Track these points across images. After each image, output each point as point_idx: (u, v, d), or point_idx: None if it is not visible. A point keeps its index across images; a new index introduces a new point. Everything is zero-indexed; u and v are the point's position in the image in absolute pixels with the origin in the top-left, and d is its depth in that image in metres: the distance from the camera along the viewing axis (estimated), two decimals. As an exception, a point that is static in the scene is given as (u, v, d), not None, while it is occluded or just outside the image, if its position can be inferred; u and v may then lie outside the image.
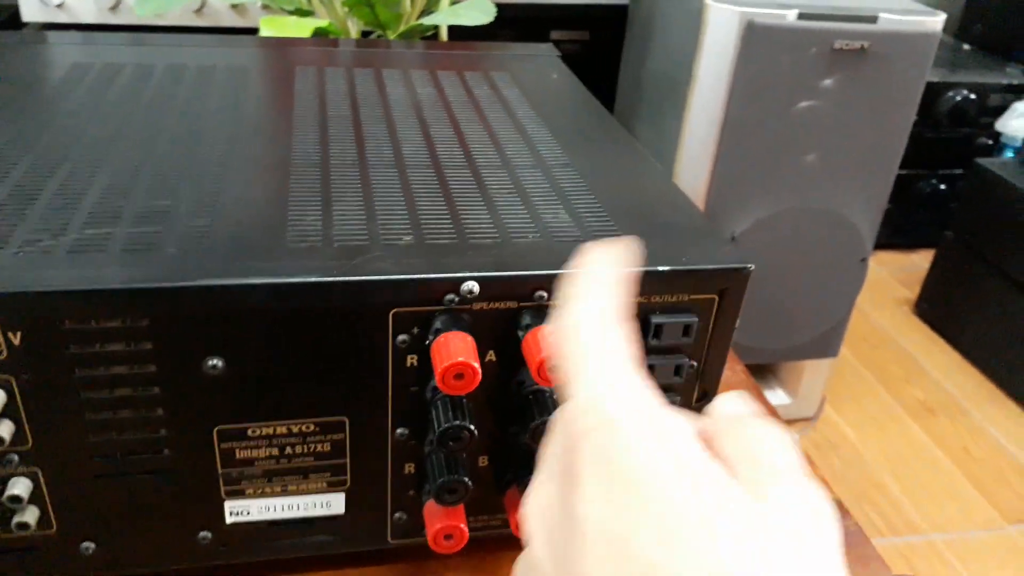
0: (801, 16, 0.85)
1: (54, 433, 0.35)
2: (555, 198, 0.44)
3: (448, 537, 0.39)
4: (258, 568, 0.43)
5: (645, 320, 0.39)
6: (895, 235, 1.85)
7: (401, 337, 0.36)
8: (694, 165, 0.95)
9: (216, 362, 0.35)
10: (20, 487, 0.35)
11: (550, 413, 0.36)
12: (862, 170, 0.95)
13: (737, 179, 0.92)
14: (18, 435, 0.34)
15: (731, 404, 0.27)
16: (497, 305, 0.37)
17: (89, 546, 0.38)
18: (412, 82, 0.61)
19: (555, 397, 0.38)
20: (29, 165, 0.42)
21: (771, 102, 0.89)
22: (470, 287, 0.36)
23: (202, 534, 0.39)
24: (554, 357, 0.26)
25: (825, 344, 1.09)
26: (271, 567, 0.43)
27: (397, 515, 0.41)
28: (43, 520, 0.37)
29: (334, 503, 0.40)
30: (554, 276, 0.36)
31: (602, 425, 0.22)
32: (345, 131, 0.51)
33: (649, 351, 0.39)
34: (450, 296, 0.36)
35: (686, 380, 0.40)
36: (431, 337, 0.36)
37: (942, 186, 1.80)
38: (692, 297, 0.39)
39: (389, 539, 0.42)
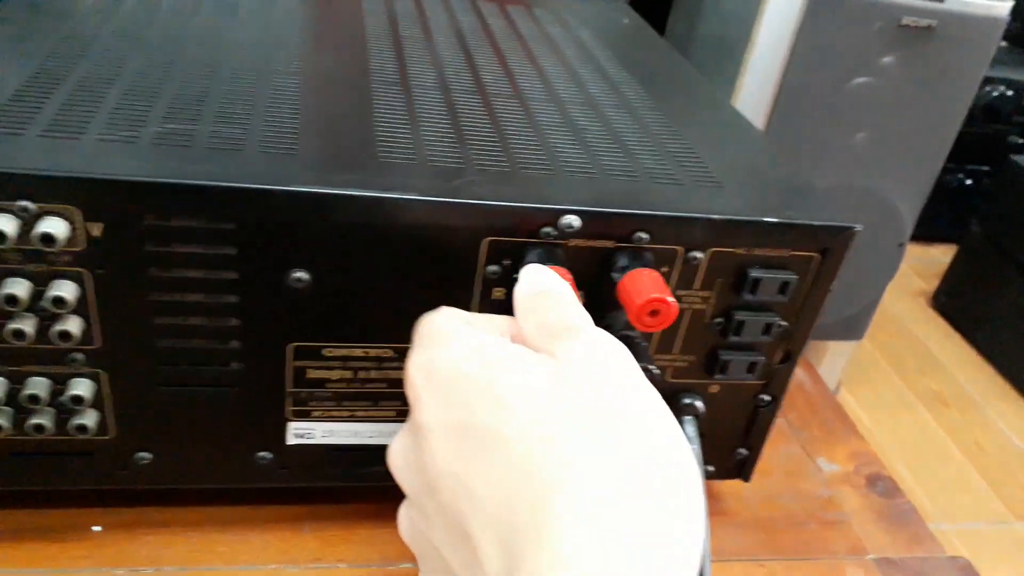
0: (870, -13, 0.83)
1: (123, 335, 0.33)
2: (647, 140, 0.42)
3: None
4: (312, 494, 0.42)
5: (742, 273, 0.37)
6: (916, 227, 1.84)
7: (492, 268, 0.35)
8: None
9: (301, 275, 0.33)
10: (83, 387, 0.34)
11: (640, 360, 0.35)
12: (911, 153, 0.93)
13: (785, 150, 0.90)
14: (86, 333, 0.33)
15: (526, 284, 0.31)
16: (593, 243, 0.35)
17: (145, 456, 0.37)
18: (481, 12, 0.59)
19: (644, 343, 0.37)
20: (98, 58, 0.40)
21: (828, 75, 0.87)
22: (570, 221, 0.34)
23: (261, 454, 0.38)
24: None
25: (852, 327, 1.08)
26: (322, 494, 0.42)
27: (459, 452, 0.40)
28: (101, 425, 0.35)
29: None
30: (657, 218, 0.35)
31: (425, 348, 0.28)
32: (421, 54, 0.48)
33: (741, 306, 0.38)
34: (547, 229, 0.34)
35: (773, 339, 0.39)
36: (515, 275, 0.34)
37: (968, 181, 1.78)
38: (793, 253, 0.37)
39: (447, 476, 0.41)
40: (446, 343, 0.28)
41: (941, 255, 1.81)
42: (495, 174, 0.35)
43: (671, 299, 0.33)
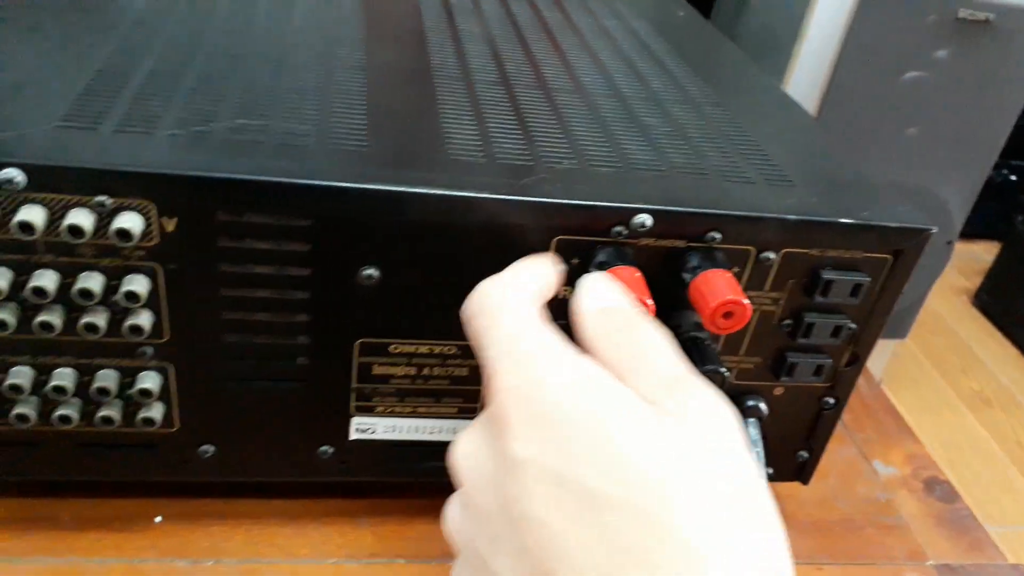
0: (926, -22, 0.81)
1: (191, 329, 0.33)
2: (713, 135, 0.41)
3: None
4: (369, 488, 0.42)
5: (814, 274, 0.36)
6: (957, 223, 1.81)
7: (560, 267, 0.34)
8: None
9: (372, 272, 0.33)
10: (151, 381, 0.34)
11: (708, 362, 0.34)
12: (962, 150, 0.91)
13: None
14: (156, 327, 0.33)
15: (593, 299, 0.29)
16: (664, 242, 0.34)
17: (208, 449, 0.37)
18: (535, 3, 0.58)
19: (713, 345, 0.36)
20: (163, 53, 0.40)
21: (880, 69, 0.85)
22: (642, 220, 0.33)
23: (323, 448, 0.38)
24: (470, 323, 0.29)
25: (895, 325, 1.06)
26: (379, 488, 0.42)
27: (518, 451, 0.40)
28: (167, 418, 0.35)
29: (461, 430, 0.39)
30: (731, 217, 0.34)
31: (517, 370, 0.25)
32: (480, 48, 0.48)
33: (811, 308, 0.37)
34: (619, 228, 0.33)
35: (841, 342, 0.38)
36: (594, 270, 0.34)
37: (1012, 177, 1.74)
38: (866, 255, 0.36)
39: (506, 474, 0.41)
40: (542, 365, 0.25)
41: (984, 252, 1.78)
42: (564, 172, 0.35)
43: (746, 301, 0.32)
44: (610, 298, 0.30)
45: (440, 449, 0.39)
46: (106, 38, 0.39)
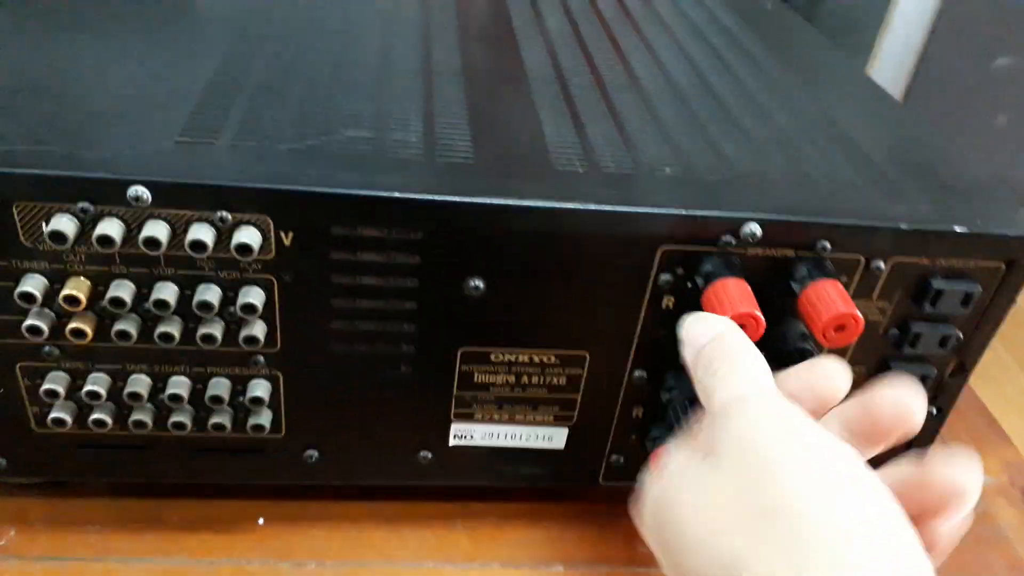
0: (1018, -39, 0.77)
1: (302, 338, 0.34)
2: (813, 136, 0.40)
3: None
4: (464, 492, 0.42)
5: (924, 283, 0.35)
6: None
7: (664, 276, 0.34)
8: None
9: (478, 283, 0.33)
10: (262, 389, 0.35)
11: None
12: (1054, 138, 0.88)
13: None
14: (269, 337, 0.34)
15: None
16: (772, 252, 0.34)
17: (313, 454, 0.38)
18: None
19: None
20: (266, 63, 0.40)
21: (969, 54, 0.82)
22: (752, 229, 0.33)
23: (423, 453, 0.38)
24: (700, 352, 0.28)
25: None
26: (474, 492, 0.42)
27: (614, 457, 0.40)
28: (275, 424, 0.36)
29: (556, 438, 0.39)
30: (842, 227, 0.33)
31: (742, 413, 0.24)
32: (570, 45, 0.47)
33: (919, 318, 0.36)
34: (727, 238, 0.33)
35: (948, 352, 0.37)
36: (701, 280, 0.33)
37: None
38: (977, 264, 0.35)
39: (601, 480, 0.41)
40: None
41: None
42: (669, 179, 0.34)
43: (859, 315, 0.32)
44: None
45: (535, 455, 0.40)
46: (209, 48, 0.40)
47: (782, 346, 0.35)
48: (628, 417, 0.39)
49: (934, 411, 0.40)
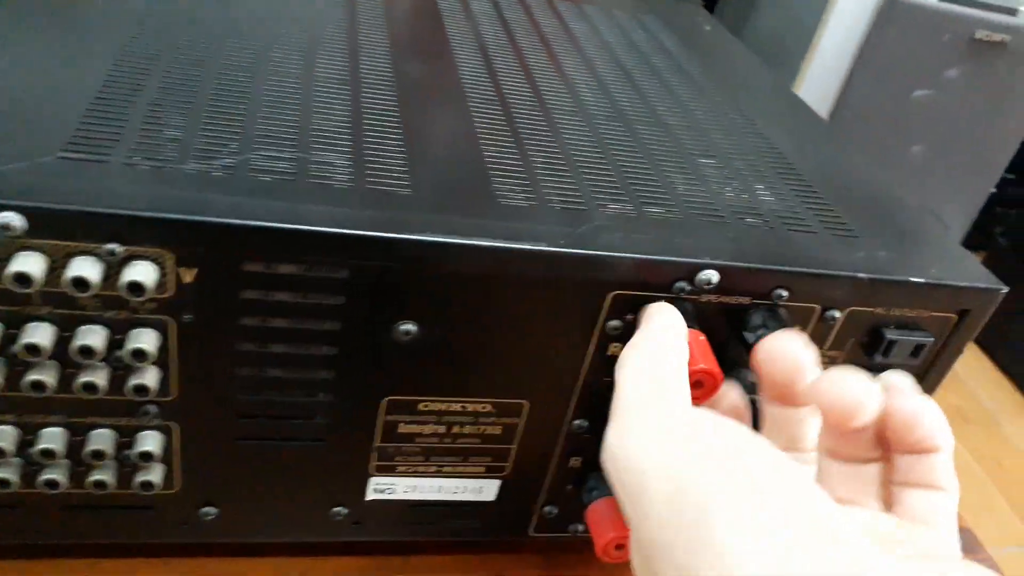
0: (941, -3, 0.79)
1: (202, 386, 0.30)
2: (763, 171, 0.39)
3: (619, 547, 0.35)
4: (382, 546, 0.38)
5: (877, 333, 0.34)
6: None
7: (612, 323, 0.31)
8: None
9: (410, 327, 0.29)
10: (152, 443, 0.30)
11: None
12: (965, 169, 0.90)
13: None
14: (163, 384, 0.29)
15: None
16: (727, 299, 0.32)
17: (210, 511, 0.33)
18: (560, 13, 0.55)
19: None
20: (168, 69, 0.35)
21: (890, 86, 0.83)
22: (709, 276, 0.30)
23: (336, 509, 0.34)
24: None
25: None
26: (392, 547, 0.39)
27: (548, 508, 0.37)
28: (167, 479, 0.32)
29: (487, 490, 0.36)
30: (802, 275, 0.31)
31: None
32: (510, 64, 0.44)
33: (869, 367, 0.35)
34: (681, 284, 0.30)
35: (896, 403, 0.36)
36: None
37: (992, 189, 1.75)
38: (931, 314, 0.34)
39: (532, 531, 0.38)
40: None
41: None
42: (620, 218, 0.32)
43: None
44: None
45: (462, 508, 0.36)
46: (103, 44, 0.35)
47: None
48: (565, 467, 0.36)
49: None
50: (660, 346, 0.28)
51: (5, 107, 0.29)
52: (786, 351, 0.27)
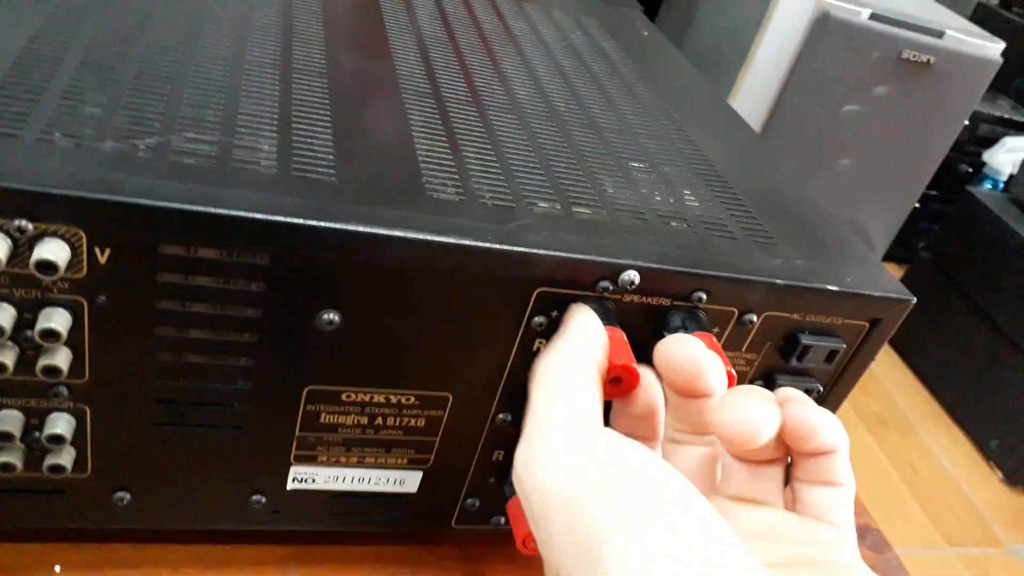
0: (872, 17, 0.82)
1: (115, 370, 0.29)
2: (689, 176, 0.39)
3: (537, 541, 0.35)
4: (299, 535, 0.38)
5: (792, 338, 0.35)
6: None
7: (538, 319, 0.32)
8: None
9: (333, 316, 0.29)
10: (62, 425, 0.29)
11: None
12: (891, 183, 0.94)
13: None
14: (74, 367, 0.28)
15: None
16: (648, 300, 0.32)
17: (124, 496, 0.33)
18: (500, 10, 0.55)
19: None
20: (91, 41, 0.35)
21: (821, 100, 0.86)
22: (631, 277, 0.31)
23: (255, 497, 0.34)
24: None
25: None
26: (309, 536, 0.38)
27: (470, 500, 0.37)
28: (79, 463, 0.31)
29: (409, 481, 0.36)
30: (721, 279, 0.32)
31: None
32: (448, 59, 0.44)
33: (784, 371, 0.36)
34: (604, 283, 0.31)
35: (809, 406, 0.37)
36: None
37: (916, 204, 1.82)
38: (845, 321, 0.35)
39: (454, 523, 0.38)
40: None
41: (884, 274, 1.86)
42: (548, 217, 0.32)
43: (732, 372, 0.31)
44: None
45: (384, 499, 0.36)
46: (22, 12, 0.34)
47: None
48: (488, 460, 0.36)
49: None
50: (573, 360, 0.28)
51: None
52: (683, 355, 0.28)
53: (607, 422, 0.29)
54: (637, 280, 0.31)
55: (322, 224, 0.27)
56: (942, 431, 1.46)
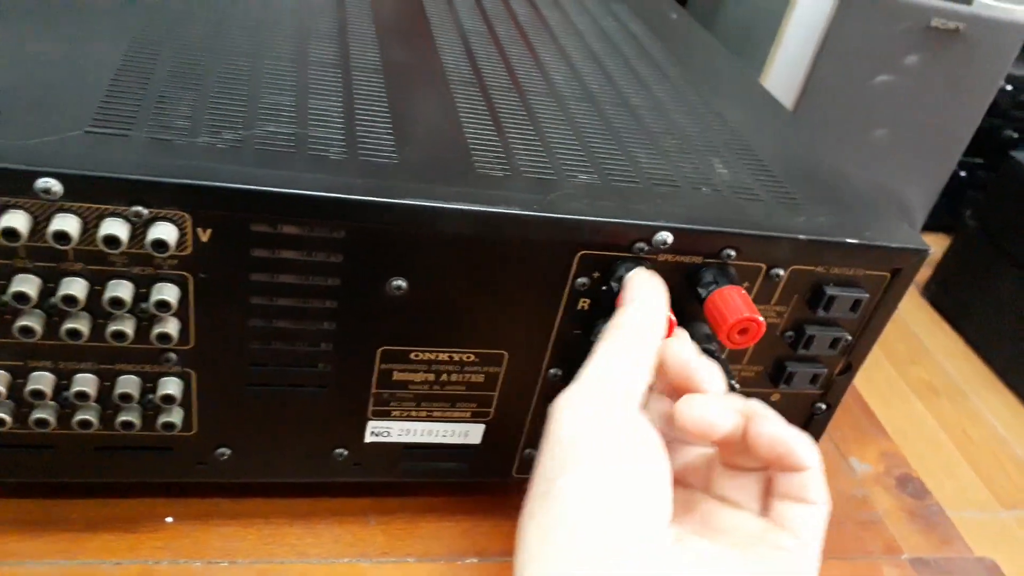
0: (900, -14, 0.83)
1: (216, 336, 0.33)
2: (718, 147, 0.43)
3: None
4: (376, 487, 0.42)
5: (818, 290, 0.38)
6: (906, 216, 1.86)
7: (581, 280, 0.35)
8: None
9: (401, 283, 0.33)
10: (173, 387, 0.34)
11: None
12: (926, 152, 0.95)
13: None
14: (182, 334, 0.33)
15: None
16: (681, 258, 0.36)
17: (224, 452, 0.37)
18: (534, 1, 0.58)
19: (724, 358, 0.37)
20: (180, 48, 0.39)
21: (853, 72, 0.88)
22: (664, 237, 0.34)
23: (338, 451, 0.38)
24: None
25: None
26: (386, 487, 0.42)
27: (528, 451, 0.41)
28: (186, 422, 0.36)
29: (472, 433, 0.40)
30: (747, 236, 0.35)
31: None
32: (488, 50, 0.48)
33: (813, 321, 0.39)
34: (640, 244, 0.34)
35: (838, 353, 0.40)
36: (616, 284, 0.35)
37: (962, 173, 1.81)
38: (866, 272, 0.38)
39: (514, 473, 0.42)
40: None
41: (933, 245, 1.85)
42: (586, 186, 0.36)
43: (761, 319, 0.34)
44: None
45: (450, 451, 0.40)
46: (114, 32, 0.39)
47: (689, 347, 0.37)
48: (542, 413, 0.40)
49: (823, 407, 0.43)
50: (630, 342, 0.31)
51: (34, 89, 0.33)
52: (678, 360, 0.32)
53: None
54: (670, 240, 0.34)
55: (389, 200, 0.31)
56: (994, 396, 1.45)
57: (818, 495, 0.29)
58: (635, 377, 0.30)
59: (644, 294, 0.33)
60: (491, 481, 0.43)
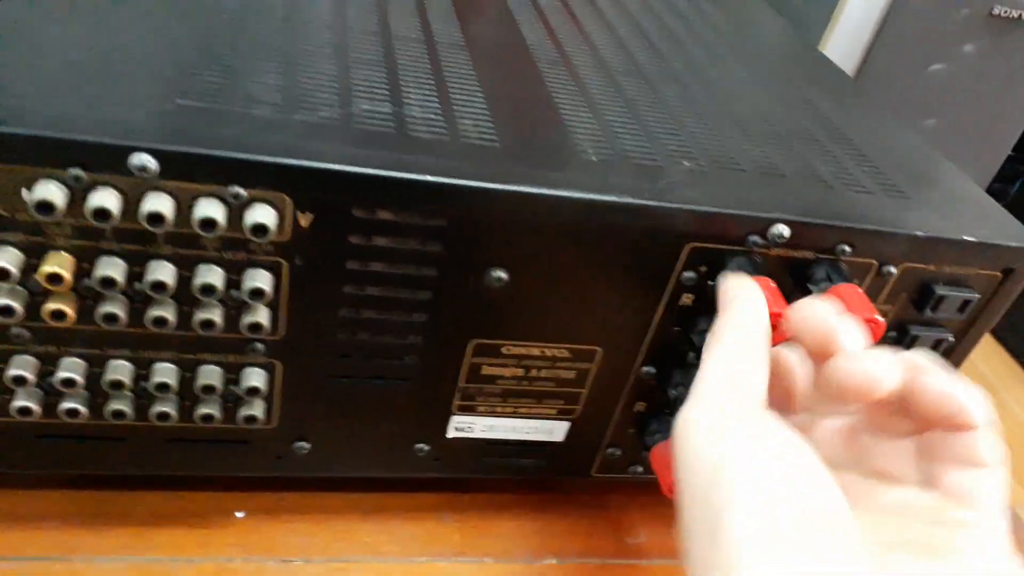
0: (962, -30, 0.80)
1: (306, 326, 0.32)
2: (818, 136, 0.40)
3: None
4: (450, 483, 0.40)
5: (927, 289, 0.36)
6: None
7: (688, 274, 0.33)
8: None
9: (501, 274, 0.31)
10: (258, 378, 0.32)
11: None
12: (977, 144, 0.92)
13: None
14: (273, 324, 0.31)
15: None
16: (794, 252, 0.34)
17: (303, 446, 0.35)
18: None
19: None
20: (256, 31, 0.37)
21: (907, 61, 0.85)
22: (780, 231, 0.32)
23: (419, 445, 0.37)
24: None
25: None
26: (460, 483, 0.41)
27: (611, 450, 0.39)
28: (267, 415, 0.34)
29: (557, 431, 0.38)
30: (865, 232, 0.33)
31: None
32: (568, 27, 0.46)
33: (918, 322, 0.37)
34: (754, 238, 0.32)
35: (939, 354, 0.38)
36: (714, 282, 0.33)
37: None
38: (978, 272, 0.36)
39: (594, 472, 0.40)
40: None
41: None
42: (695, 174, 0.34)
43: (881, 319, 0.32)
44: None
45: (532, 448, 0.38)
46: (198, 8, 0.36)
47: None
48: (630, 411, 0.38)
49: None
50: (741, 342, 0.28)
51: (122, 61, 0.30)
52: (816, 316, 0.28)
53: None
54: (787, 234, 0.32)
55: (497, 186, 0.29)
56: (1022, 391, 1.43)
57: (991, 455, 0.25)
58: (758, 379, 0.28)
59: (742, 293, 0.30)
60: (565, 480, 0.42)
